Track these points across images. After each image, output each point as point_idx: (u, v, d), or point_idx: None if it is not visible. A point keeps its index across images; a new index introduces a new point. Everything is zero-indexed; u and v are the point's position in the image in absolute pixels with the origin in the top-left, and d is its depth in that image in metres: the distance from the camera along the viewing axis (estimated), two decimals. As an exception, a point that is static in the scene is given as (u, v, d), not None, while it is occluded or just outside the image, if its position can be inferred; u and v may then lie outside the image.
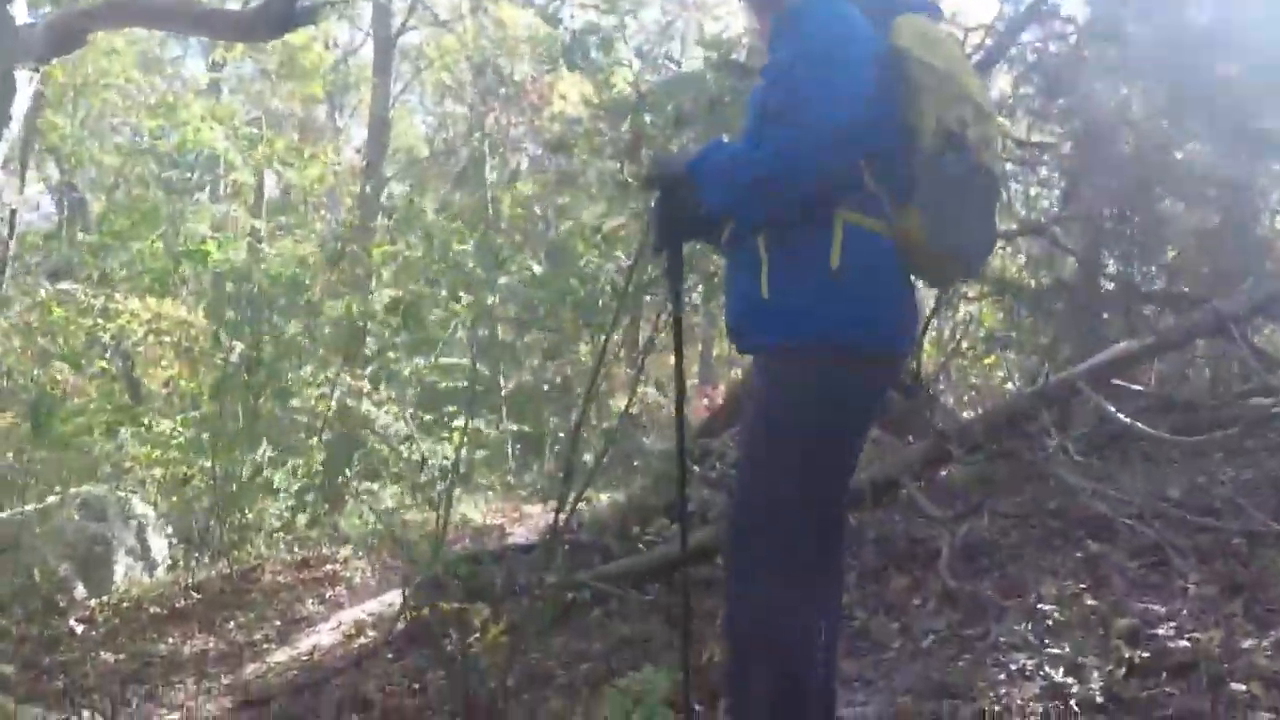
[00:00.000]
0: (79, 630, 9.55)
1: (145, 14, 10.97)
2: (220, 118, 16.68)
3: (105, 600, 10.35)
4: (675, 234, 3.85)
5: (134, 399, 14.55)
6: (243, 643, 8.95)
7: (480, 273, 7.24)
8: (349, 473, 10.90)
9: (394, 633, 7.68)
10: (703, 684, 4.96)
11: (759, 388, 3.59)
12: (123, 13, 10.71)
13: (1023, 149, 10.13)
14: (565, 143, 11.70)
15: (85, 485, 11.88)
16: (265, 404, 11.26)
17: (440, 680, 6.24)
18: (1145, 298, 9.52)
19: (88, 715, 7.48)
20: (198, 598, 10.20)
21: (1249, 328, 8.20)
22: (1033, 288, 10.09)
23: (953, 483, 7.22)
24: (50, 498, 11.51)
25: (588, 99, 10.50)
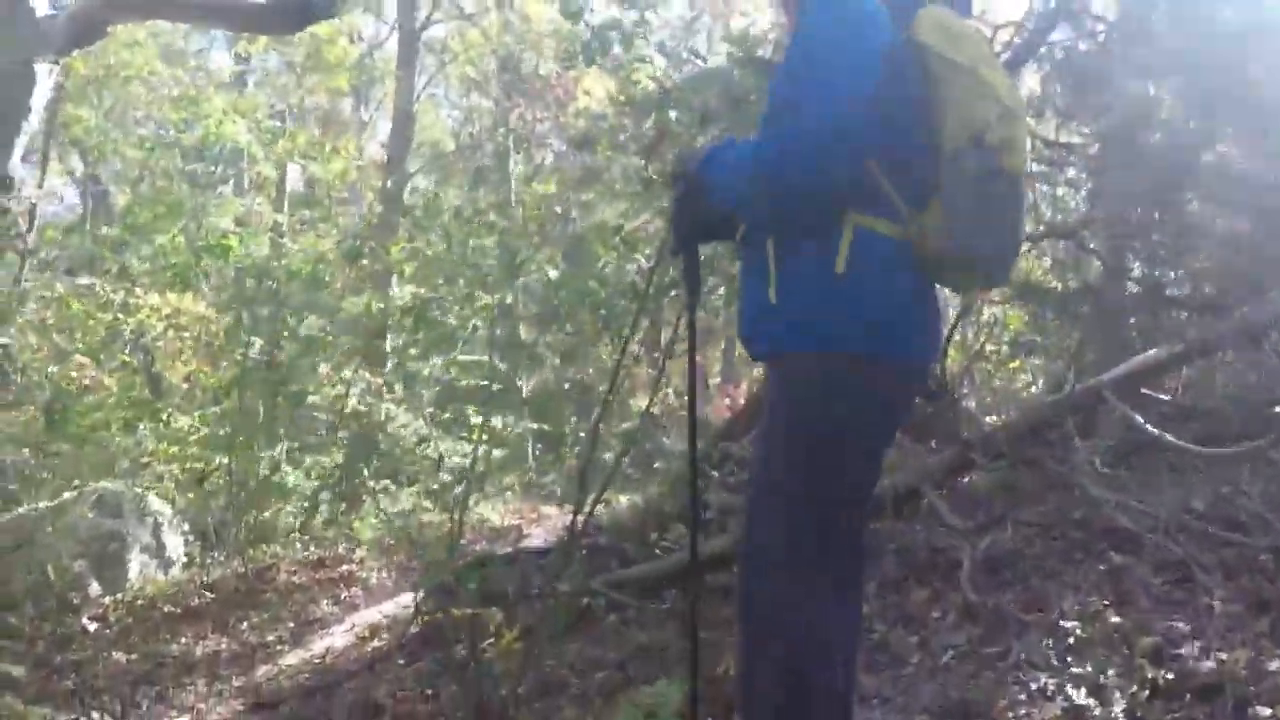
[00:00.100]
0: (92, 629, 9.52)
1: (165, 6, 10.94)
2: (243, 111, 16.66)
3: (119, 598, 10.32)
4: (691, 236, 3.75)
5: (154, 394, 14.51)
6: (255, 644, 8.91)
7: (499, 272, 7.17)
8: (366, 472, 10.83)
9: (407, 636, 7.62)
10: (717, 696, 4.87)
11: (771, 394, 3.49)
12: (143, 5, 10.68)
13: (1050, 149, 9.99)
14: (590, 139, 11.62)
15: (102, 481, 11.84)
16: (283, 401, 11.17)
17: (453, 686, 6.16)
18: (1172, 303, 9.38)
19: (97, 717, 7.45)
20: (212, 597, 10.18)
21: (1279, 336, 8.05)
22: (1058, 291, 9.95)
23: (975, 491, 7.10)
24: (66, 494, 11.46)
25: (612, 95, 10.38)
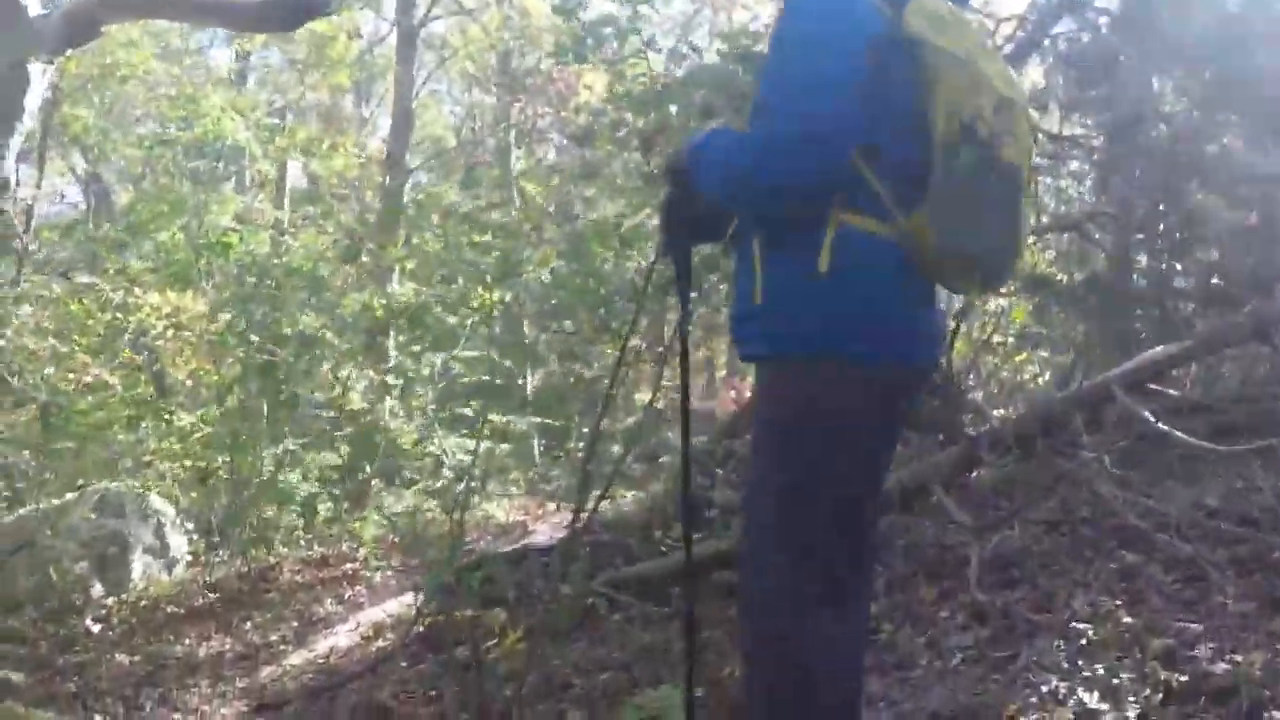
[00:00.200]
0: (95, 630, 9.48)
1: (159, 5, 10.91)
2: (240, 109, 16.64)
3: (122, 599, 10.27)
4: (682, 236, 3.70)
5: (159, 392, 14.48)
6: (259, 644, 8.86)
7: (495, 271, 7.12)
8: (369, 470, 10.81)
9: (411, 636, 7.57)
10: (722, 700, 4.83)
11: (759, 398, 3.42)
12: (138, 4, 10.65)
13: (1054, 142, 9.94)
14: (590, 134, 11.57)
15: (104, 481, 11.81)
16: (284, 400, 11.13)
17: (456, 688, 6.11)
18: (1179, 295, 9.34)
19: (99, 720, 7.42)
20: (215, 597, 10.13)
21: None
22: (1064, 284, 9.90)
23: (982, 486, 7.04)
24: (68, 494, 11.43)
25: (609, 89, 10.34)
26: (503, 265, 6.95)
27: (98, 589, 10.31)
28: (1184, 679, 4.07)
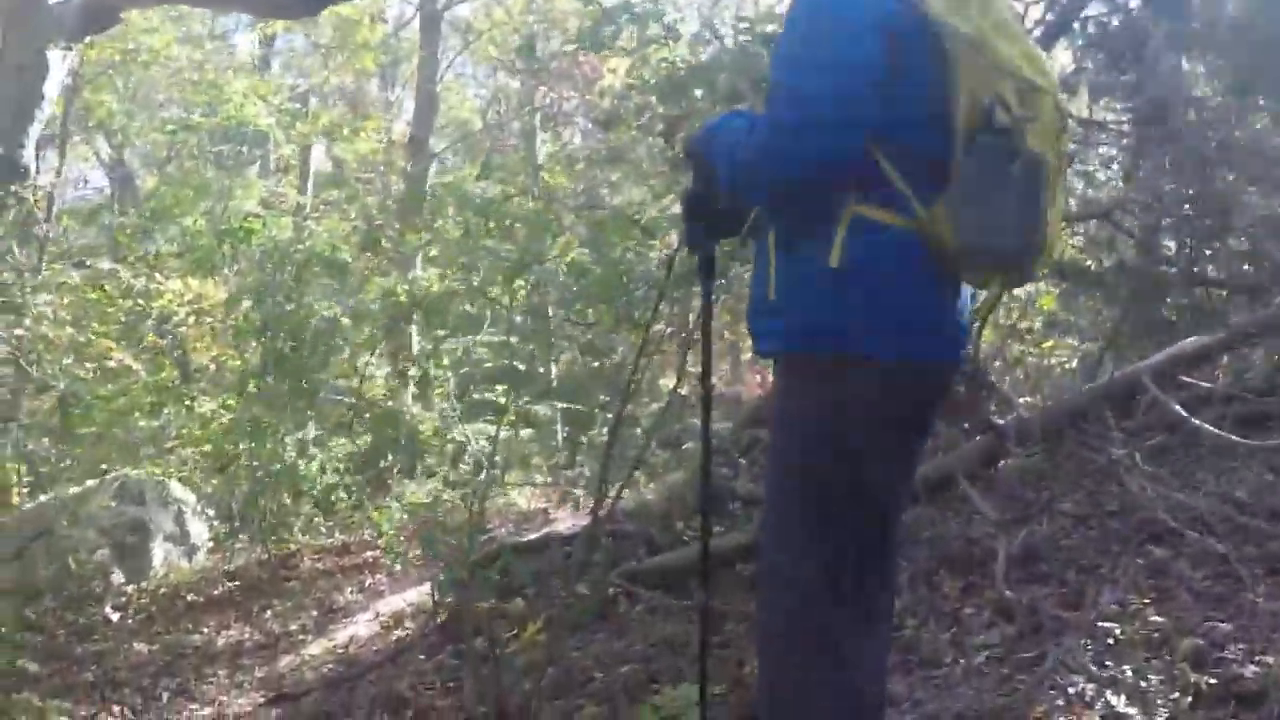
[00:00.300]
0: (114, 618, 9.46)
1: None
2: (263, 93, 16.60)
3: (142, 587, 10.25)
4: (703, 230, 3.59)
5: (184, 378, 14.45)
6: (278, 633, 8.83)
7: (515, 264, 7.03)
8: (390, 458, 10.76)
9: (430, 626, 7.52)
10: (742, 699, 4.75)
11: (776, 395, 3.32)
12: (156, -11, 10.65)
13: (1083, 127, 9.80)
14: (614, 118, 11.48)
15: (126, 468, 11.77)
16: (305, 386, 11.07)
17: (474, 680, 6.05)
18: (1209, 283, 9.21)
19: (117, 711, 7.37)
20: (235, 585, 10.10)
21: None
22: (1092, 271, 9.77)
23: (1008, 478, 6.93)
24: (89, 481, 11.40)
25: (630, 75, 10.23)
26: (522, 257, 6.85)
27: (118, 576, 10.29)
28: (1213, 682, 3.98)
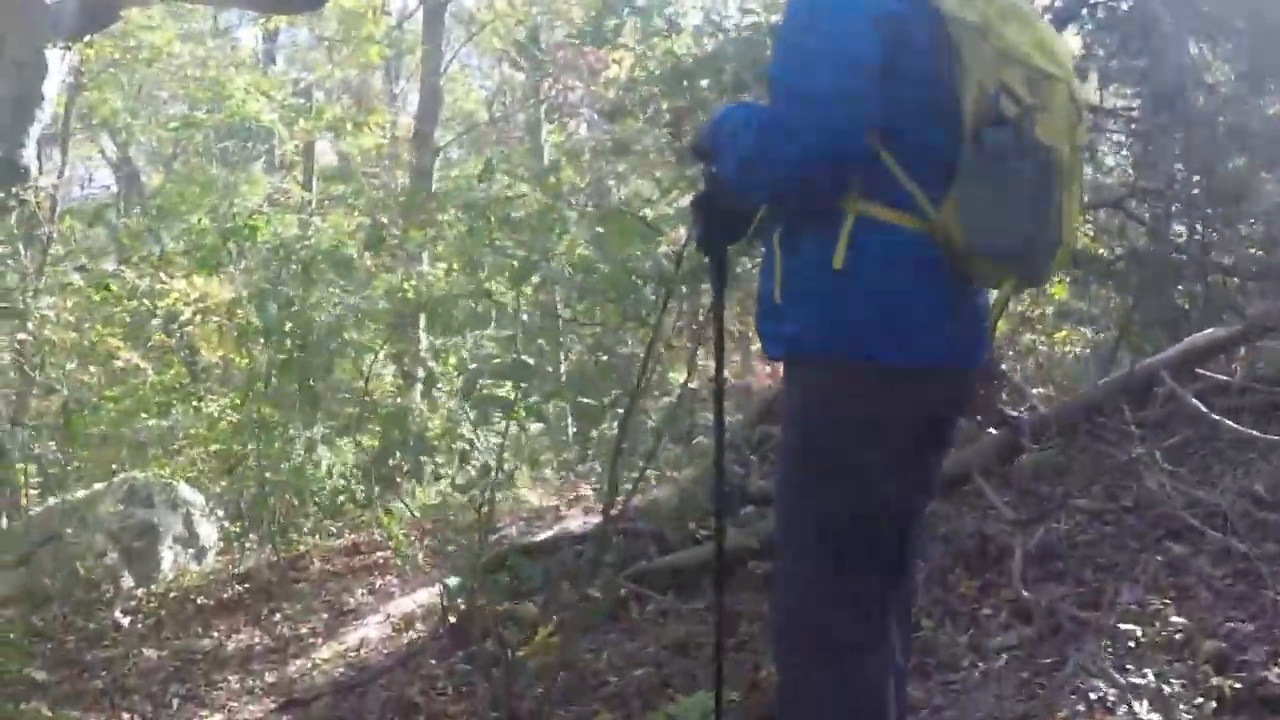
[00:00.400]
0: (124, 623, 9.41)
1: None
2: (266, 89, 16.54)
3: (152, 590, 10.21)
4: (716, 233, 3.45)
5: (191, 377, 14.39)
6: (289, 636, 8.77)
7: (519, 268, 6.97)
8: (398, 457, 10.68)
9: (441, 628, 7.46)
10: (758, 703, 4.70)
11: (785, 400, 3.21)
12: (157, -14, 10.61)
13: (1094, 114, 9.70)
14: (619, 110, 11.39)
15: (134, 470, 11.73)
16: (313, 386, 10.99)
17: (485, 685, 6.00)
18: (1222, 271, 9.12)
19: (127, 718, 7.34)
20: (245, 588, 10.05)
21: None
22: (1103, 258, 9.67)
23: (1024, 473, 6.84)
24: (97, 485, 11.36)
25: (633, 70, 10.16)
26: (528, 257, 6.77)
27: (127, 580, 10.26)
28: (1237, 686, 3.90)
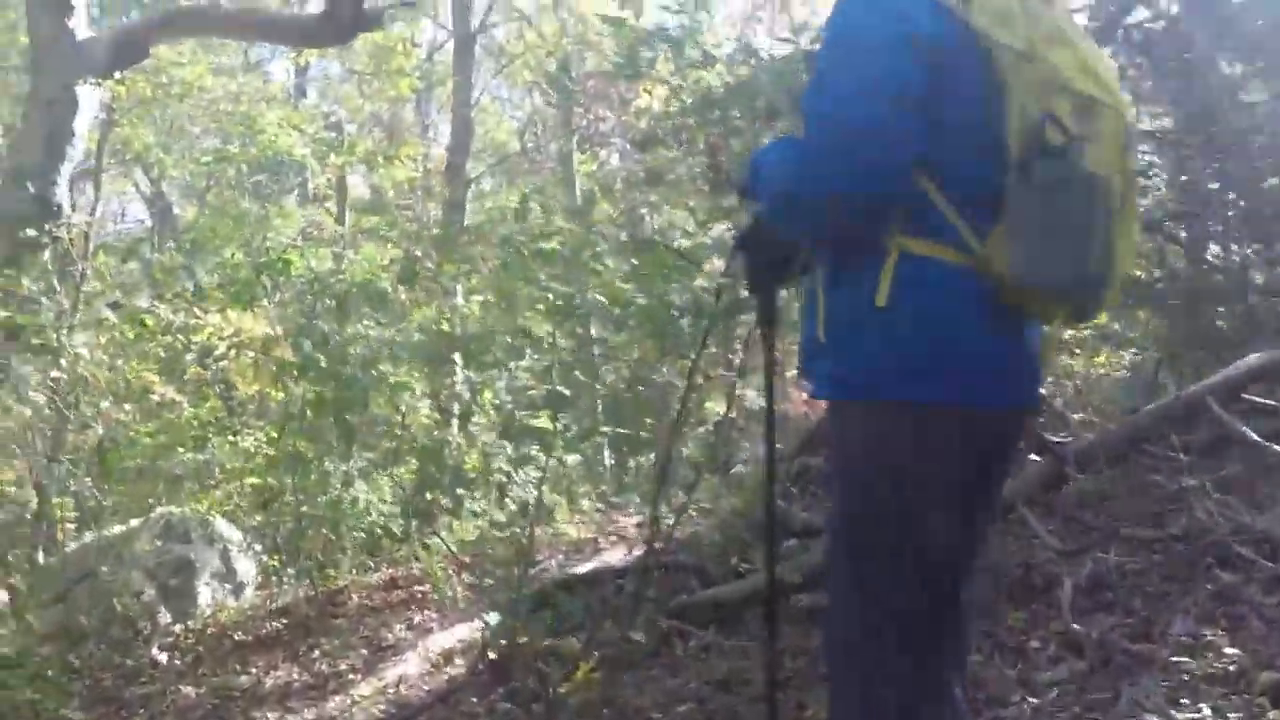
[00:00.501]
0: (162, 660, 9.36)
1: (206, 23, 10.95)
2: (297, 123, 16.56)
3: (189, 626, 10.17)
4: (765, 275, 3.38)
5: (227, 411, 14.38)
6: (327, 673, 8.70)
7: (561, 307, 6.95)
8: (435, 492, 10.62)
9: (481, 664, 7.40)
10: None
11: (830, 441, 3.14)
12: (183, 23, 10.65)
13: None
14: (652, 139, 11.35)
15: (170, 506, 11.72)
16: (350, 419, 10.95)
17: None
18: (1262, 292, 9.03)
19: (164, 758, 7.32)
20: (282, 623, 9.99)
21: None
22: (1142, 280, 9.58)
23: (1068, 501, 6.75)
24: (133, 521, 11.34)
25: (667, 103, 10.11)
26: (566, 298, 6.76)
27: (164, 616, 10.21)
28: (1294, 720, 3.83)
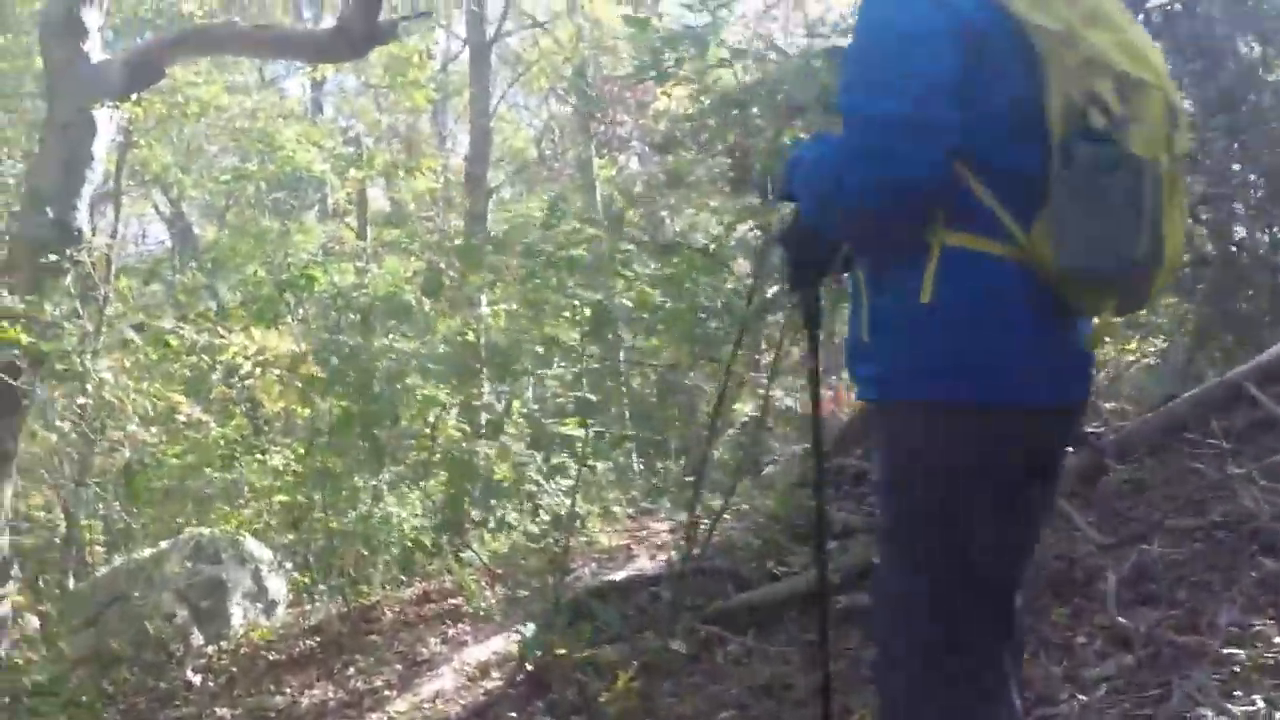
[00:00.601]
0: (196, 682, 9.32)
1: (220, 42, 10.96)
2: (315, 139, 16.51)
3: (222, 647, 10.13)
4: (807, 275, 3.33)
5: (254, 429, 14.35)
6: (363, 690, 8.64)
7: (585, 296, 6.89)
8: (466, 505, 10.60)
9: (519, 677, 7.34)
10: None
11: (876, 443, 3.07)
12: (198, 42, 10.67)
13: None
14: (671, 141, 11.29)
15: (200, 526, 11.70)
16: (378, 435, 10.90)
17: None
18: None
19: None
20: (316, 641, 9.94)
21: None
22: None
23: (1106, 492, 6.66)
24: (162, 542, 11.32)
25: (692, 100, 10.05)
26: (598, 308, 6.73)
27: (197, 638, 10.18)
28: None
